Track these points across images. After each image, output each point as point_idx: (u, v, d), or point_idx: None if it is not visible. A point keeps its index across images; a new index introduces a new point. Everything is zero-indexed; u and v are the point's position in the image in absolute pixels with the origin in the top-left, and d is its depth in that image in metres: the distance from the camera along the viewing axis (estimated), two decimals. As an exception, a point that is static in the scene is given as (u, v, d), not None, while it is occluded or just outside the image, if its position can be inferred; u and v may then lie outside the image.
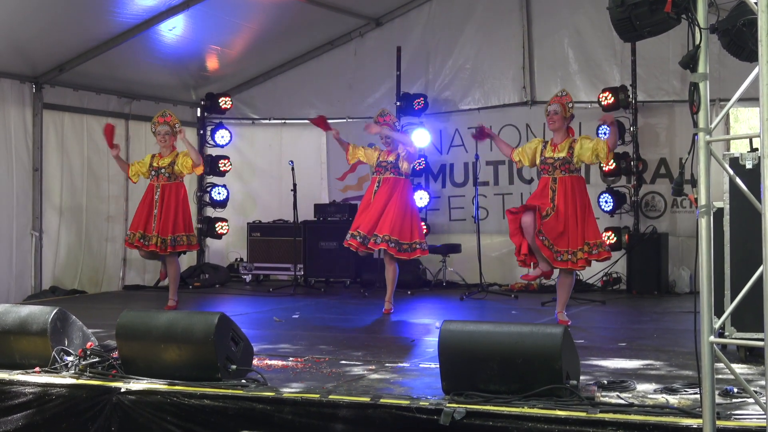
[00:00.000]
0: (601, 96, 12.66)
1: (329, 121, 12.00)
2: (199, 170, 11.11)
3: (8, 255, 12.21)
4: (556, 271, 9.56)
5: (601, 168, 12.64)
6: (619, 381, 6.02)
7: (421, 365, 7.14)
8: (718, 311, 5.90)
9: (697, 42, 4.88)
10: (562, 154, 9.32)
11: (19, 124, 12.41)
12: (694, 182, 4.95)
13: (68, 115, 13.05)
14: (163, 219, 10.70)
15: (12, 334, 6.89)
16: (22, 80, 12.46)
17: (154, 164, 10.91)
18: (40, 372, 6.63)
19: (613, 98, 12.57)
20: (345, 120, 14.83)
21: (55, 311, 6.88)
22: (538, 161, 9.59)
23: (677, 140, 12.77)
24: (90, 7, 11.44)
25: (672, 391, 5.74)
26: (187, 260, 14.89)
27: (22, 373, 6.63)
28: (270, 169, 15.11)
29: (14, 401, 6.46)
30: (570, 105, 9.59)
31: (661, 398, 5.56)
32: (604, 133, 12.56)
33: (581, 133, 12.97)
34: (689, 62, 4.90)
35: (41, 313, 6.92)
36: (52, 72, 12.61)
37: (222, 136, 14.89)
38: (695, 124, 4.89)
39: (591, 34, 13.23)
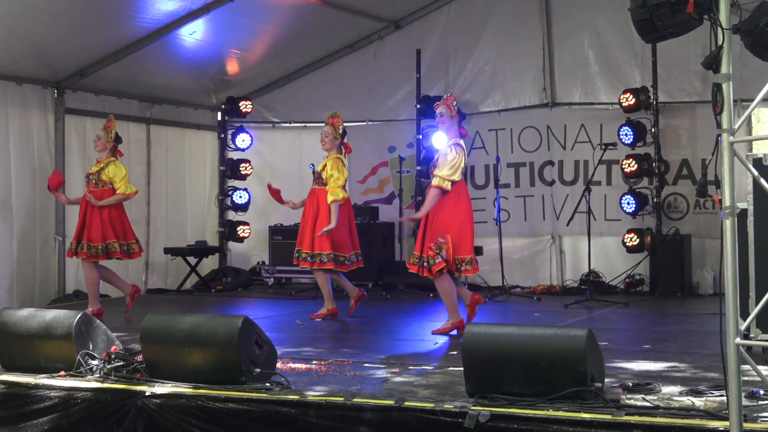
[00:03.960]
0: (621, 97, 12.62)
1: (349, 124, 11.99)
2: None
3: (32, 259, 12.29)
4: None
5: (622, 169, 12.60)
6: (644, 383, 5.98)
7: (444, 368, 7.13)
8: (743, 313, 5.87)
9: (720, 42, 4.85)
10: None
11: (41, 128, 12.49)
12: (717, 183, 4.93)
13: (90, 119, 13.11)
14: (80, 225, 10.62)
15: (37, 339, 6.92)
16: (44, 85, 12.54)
17: (89, 171, 10.92)
18: (65, 376, 6.65)
19: (634, 99, 12.53)
20: (365, 123, 14.88)
21: (79, 315, 6.91)
22: None
23: (699, 141, 12.71)
24: (111, 13, 11.49)
25: (698, 393, 5.71)
26: (210, 264, 14.96)
27: (48, 377, 6.65)
28: (291, 172, 15.12)
29: (40, 405, 6.48)
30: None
31: (687, 400, 5.53)
32: (626, 134, 12.55)
33: (602, 134, 13.01)
34: (712, 63, 4.87)
35: (66, 317, 6.94)
36: (73, 77, 12.68)
37: (242, 139, 14.93)
38: (719, 125, 4.86)
39: (611, 35, 13.19)
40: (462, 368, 5.81)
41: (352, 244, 10.60)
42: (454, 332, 9.08)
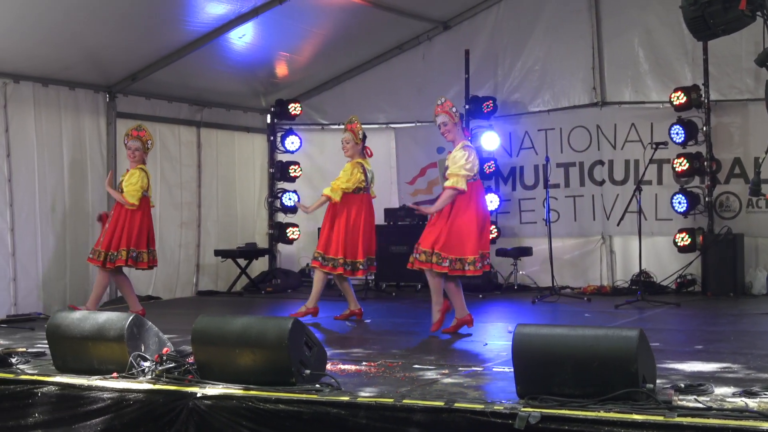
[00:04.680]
0: (672, 96, 12.52)
1: (398, 125, 11.99)
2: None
3: (85, 262, 12.40)
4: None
5: (673, 169, 12.50)
6: (697, 384, 5.92)
7: (494, 369, 7.11)
8: (798, 313, 5.79)
9: (773, 39, 4.81)
10: None
11: (93, 132, 12.64)
12: (771, 182, 4.88)
13: (141, 123, 13.22)
14: (107, 232, 10.70)
15: (90, 340, 6.99)
16: (96, 90, 12.68)
17: (121, 178, 11.04)
18: (117, 377, 6.70)
19: (685, 98, 12.42)
20: (414, 124, 14.89)
21: (131, 317, 6.96)
22: None
23: (751, 139, 12.55)
24: (161, 17, 11.59)
25: (751, 394, 5.64)
26: (259, 266, 15.04)
27: (100, 379, 6.70)
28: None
29: (93, 406, 6.54)
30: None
31: (740, 402, 5.46)
32: (677, 133, 12.44)
33: (653, 133, 12.92)
34: (765, 60, 4.83)
35: (118, 319, 7.00)
36: (124, 81, 12.81)
37: (292, 142, 15.00)
38: (772, 123, 4.81)
39: (661, 32, 13.08)
40: (512, 369, 5.79)
41: (366, 249, 10.63)
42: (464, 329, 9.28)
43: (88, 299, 10.93)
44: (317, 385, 6.22)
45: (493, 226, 13.73)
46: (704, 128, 12.54)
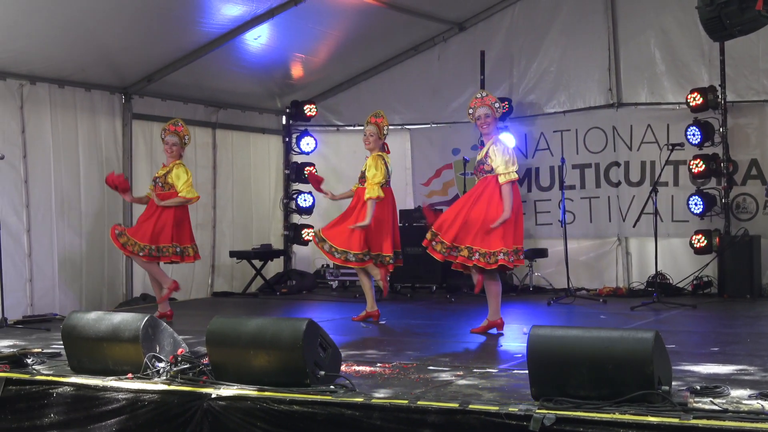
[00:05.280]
0: (689, 97, 12.48)
1: (413, 127, 11.98)
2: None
3: (101, 263, 12.48)
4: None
5: (690, 170, 12.46)
6: (713, 386, 5.89)
7: (509, 371, 7.09)
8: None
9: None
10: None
11: (109, 133, 12.68)
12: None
13: (156, 124, 13.25)
14: (145, 226, 10.65)
15: (105, 341, 7.00)
16: (112, 91, 12.72)
17: (156, 174, 10.98)
18: (132, 378, 6.71)
19: (701, 99, 12.38)
20: (429, 125, 14.89)
21: (146, 318, 6.97)
22: None
23: (768, 141, 12.54)
24: (177, 19, 11.63)
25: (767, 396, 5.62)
26: (274, 267, 15.06)
27: (116, 380, 6.72)
28: (355, 175, 14.81)
29: (108, 407, 6.56)
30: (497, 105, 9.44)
31: (757, 404, 5.43)
32: (693, 134, 12.40)
33: (669, 135, 12.87)
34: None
35: (133, 320, 7.01)
36: (140, 83, 12.85)
37: (307, 143, 15.02)
38: (789, 124, 4.78)
39: (678, 33, 13.04)
40: (527, 371, 5.78)
41: (393, 243, 10.57)
42: (493, 330, 9.26)
43: (159, 301, 10.93)
44: (332, 387, 6.21)
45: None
46: (721, 129, 12.49)
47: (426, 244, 9.30)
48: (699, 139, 12.41)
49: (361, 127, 15.16)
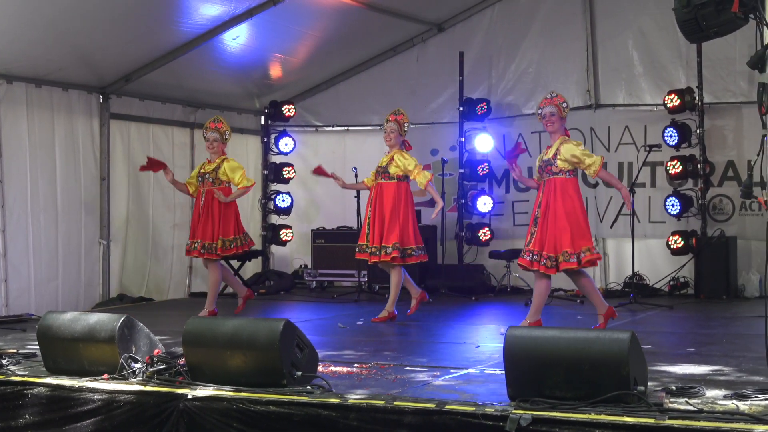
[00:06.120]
0: (666, 98, 12.53)
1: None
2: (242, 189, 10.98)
3: (77, 263, 12.40)
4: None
5: (667, 171, 12.50)
6: (688, 387, 5.92)
7: (486, 371, 7.09)
8: (790, 316, 5.78)
9: (766, 42, 4.80)
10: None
11: (86, 133, 12.60)
12: (763, 184, 4.87)
13: (134, 124, 13.24)
14: (203, 223, 10.71)
15: (81, 342, 6.97)
16: (89, 91, 12.65)
17: (202, 170, 10.95)
18: (108, 379, 6.69)
19: (678, 100, 12.43)
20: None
21: (122, 319, 6.95)
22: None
23: (745, 142, 12.56)
24: (155, 19, 11.58)
25: (742, 397, 5.63)
26: (252, 267, 15.00)
27: (91, 380, 6.69)
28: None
29: (83, 408, 6.53)
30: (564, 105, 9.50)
31: (731, 404, 5.46)
32: (670, 136, 12.45)
33: (646, 136, 12.91)
34: (758, 63, 4.83)
35: (109, 320, 6.99)
36: (118, 82, 12.79)
37: (286, 143, 15.00)
38: (764, 126, 4.81)
39: (656, 35, 13.09)
40: (503, 372, 5.79)
41: (416, 237, 10.63)
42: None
43: (206, 303, 11.04)
44: (308, 387, 6.21)
45: (487, 228, 13.76)
46: (698, 131, 12.55)
47: (537, 267, 9.28)
48: (676, 141, 12.47)
49: (340, 128, 15.34)
